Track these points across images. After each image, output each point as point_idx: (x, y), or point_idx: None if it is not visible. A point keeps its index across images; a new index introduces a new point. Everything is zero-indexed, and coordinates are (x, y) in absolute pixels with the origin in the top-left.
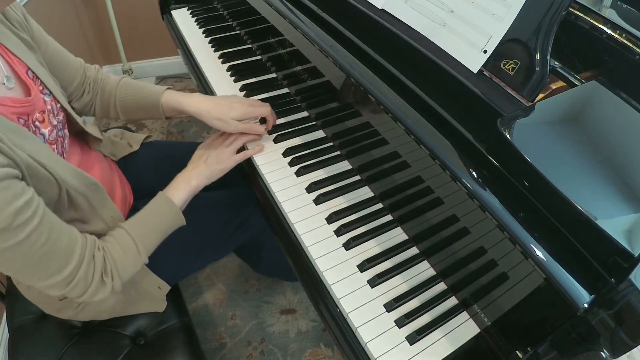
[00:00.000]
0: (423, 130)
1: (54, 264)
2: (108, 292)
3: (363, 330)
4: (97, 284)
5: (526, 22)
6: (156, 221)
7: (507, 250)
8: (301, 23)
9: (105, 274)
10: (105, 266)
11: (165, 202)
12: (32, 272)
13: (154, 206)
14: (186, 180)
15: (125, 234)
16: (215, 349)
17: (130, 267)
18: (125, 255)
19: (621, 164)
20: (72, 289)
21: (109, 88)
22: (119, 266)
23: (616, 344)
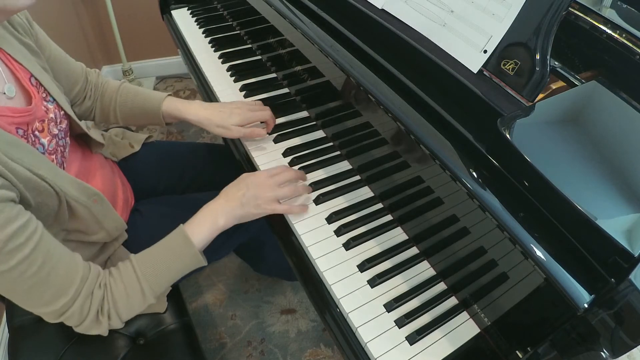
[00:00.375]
0: (423, 130)
1: (46, 294)
2: (104, 330)
3: (363, 330)
4: (91, 321)
5: (526, 22)
6: (169, 261)
7: (507, 250)
8: (301, 23)
9: (102, 313)
10: (103, 305)
11: (182, 241)
12: (23, 299)
13: (170, 243)
14: (214, 215)
15: (132, 273)
16: (215, 349)
17: (134, 308)
18: (128, 296)
19: (621, 164)
20: (66, 319)
21: (109, 93)
22: (120, 307)
23: (616, 344)
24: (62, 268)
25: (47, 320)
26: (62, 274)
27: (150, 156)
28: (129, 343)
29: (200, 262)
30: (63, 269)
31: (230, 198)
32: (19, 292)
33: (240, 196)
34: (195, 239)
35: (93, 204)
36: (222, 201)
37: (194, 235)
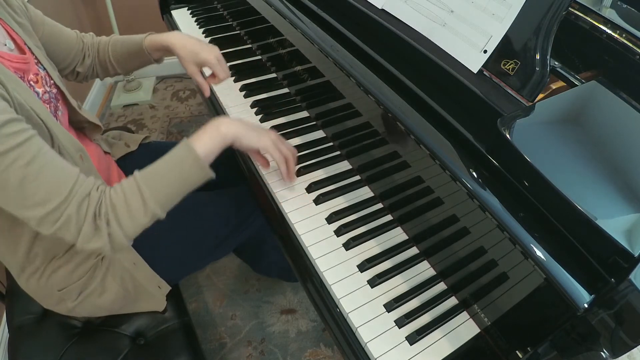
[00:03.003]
0: (423, 130)
1: (40, 191)
2: (104, 241)
3: (363, 330)
4: (89, 226)
5: (526, 22)
6: (169, 168)
7: (507, 250)
8: (301, 23)
9: (99, 216)
10: (100, 208)
11: (184, 148)
12: (16, 196)
13: (172, 152)
14: (216, 124)
15: (132, 179)
16: (215, 349)
17: (133, 217)
18: (127, 201)
19: (621, 164)
20: (62, 226)
21: (102, 48)
22: (118, 211)
23: (616, 344)
24: (55, 167)
25: (45, 231)
26: (57, 173)
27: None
28: (129, 343)
29: (203, 169)
30: (57, 169)
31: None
32: (12, 186)
33: (247, 124)
34: (197, 144)
35: (79, 160)
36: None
37: (195, 142)
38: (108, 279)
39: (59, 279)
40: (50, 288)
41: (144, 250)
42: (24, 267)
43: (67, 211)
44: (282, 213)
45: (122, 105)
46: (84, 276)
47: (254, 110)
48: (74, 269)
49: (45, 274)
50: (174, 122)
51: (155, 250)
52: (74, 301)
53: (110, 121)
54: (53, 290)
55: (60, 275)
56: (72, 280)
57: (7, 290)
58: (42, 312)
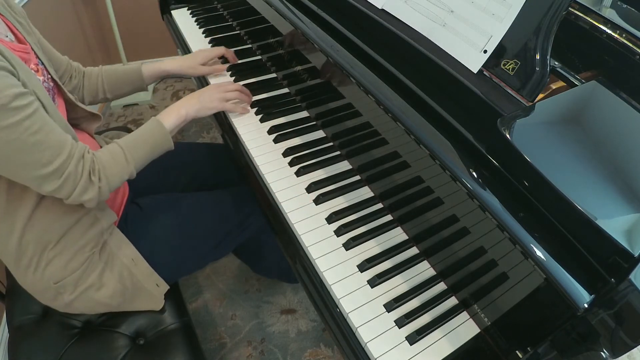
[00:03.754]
0: (423, 130)
1: (46, 153)
2: (95, 193)
3: (363, 330)
4: (85, 181)
5: (526, 22)
6: (145, 138)
7: (507, 250)
8: (301, 23)
9: (93, 173)
10: (94, 167)
11: (155, 123)
12: (28, 158)
13: (145, 127)
14: (177, 108)
15: (116, 145)
16: (215, 349)
17: (117, 173)
18: (114, 161)
19: (621, 164)
20: (64, 182)
21: (94, 73)
22: (107, 171)
23: (616, 344)
24: (56, 134)
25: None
26: (57, 138)
27: None
28: (129, 343)
29: (169, 142)
30: (57, 135)
31: (190, 98)
32: (25, 150)
33: (198, 96)
34: (166, 123)
35: None
36: (184, 99)
37: (164, 121)
38: (106, 274)
39: (54, 271)
40: (46, 281)
41: (143, 247)
42: (19, 259)
43: (68, 169)
44: (282, 213)
45: (122, 106)
46: (79, 268)
47: (254, 110)
48: (68, 261)
49: (40, 266)
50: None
51: (154, 248)
52: (71, 294)
53: (110, 121)
54: (49, 283)
55: (55, 267)
56: (67, 272)
57: (7, 290)
58: (42, 312)
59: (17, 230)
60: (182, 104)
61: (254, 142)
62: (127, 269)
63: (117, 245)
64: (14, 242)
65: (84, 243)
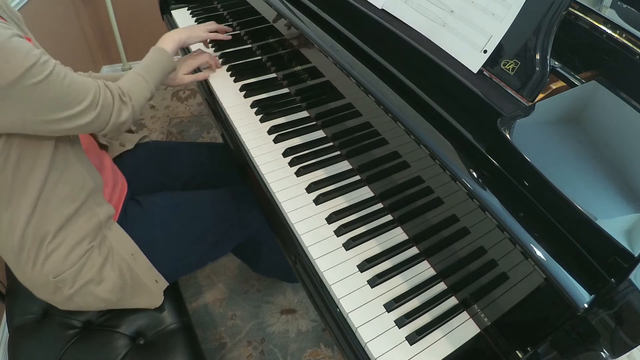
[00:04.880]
0: (423, 130)
1: (80, 91)
2: (130, 112)
3: (363, 330)
4: (118, 103)
5: (526, 22)
6: (155, 63)
7: (507, 250)
8: (301, 23)
9: (123, 95)
10: (122, 91)
11: (159, 51)
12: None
13: (151, 54)
14: (171, 36)
15: (131, 72)
16: (215, 349)
17: (142, 93)
18: (135, 83)
19: (621, 164)
20: (101, 110)
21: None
22: (133, 92)
23: (616, 344)
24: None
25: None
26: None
27: (147, 155)
28: (129, 343)
29: (173, 63)
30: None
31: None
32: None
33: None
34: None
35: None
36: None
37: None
38: (106, 268)
39: (53, 265)
40: (45, 275)
41: (142, 243)
42: (19, 252)
43: (101, 98)
44: (282, 213)
45: None
46: (77, 262)
47: (254, 110)
48: (67, 254)
49: (38, 260)
50: (174, 122)
51: (153, 244)
52: (70, 288)
53: None
54: (48, 277)
55: (54, 260)
56: (67, 266)
57: (7, 290)
58: (42, 312)
59: (21, 223)
60: (174, 32)
61: (254, 142)
62: (127, 264)
63: (116, 240)
64: (18, 232)
65: (82, 236)
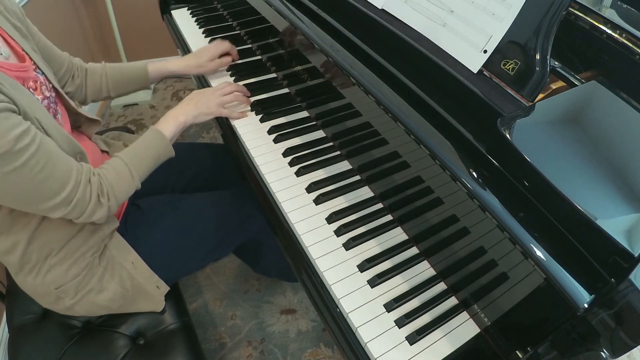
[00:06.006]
0: (423, 130)
1: (54, 186)
2: (105, 212)
3: (363, 330)
4: (94, 204)
5: (526, 22)
6: (148, 151)
7: (507, 250)
8: (301, 23)
9: (102, 195)
10: (102, 188)
11: (155, 134)
12: (36, 194)
13: (146, 138)
14: (175, 116)
15: (120, 160)
16: (215, 349)
17: (124, 190)
18: (120, 178)
19: (621, 164)
20: (73, 208)
21: (98, 71)
22: (115, 189)
23: (616, 344)
24: (62, 164)
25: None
26: (63, 169)
27: None
28: (129, 343)
29: (170, 151)
30: (62, 165)
31: (187, 104)
32: (32, 188)
33: (195, 102)
34: (165, 132)
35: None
36: (179, 107)
37: (164, 130)
38: (106, 278)
39: (55, 277)
40: (47, 286)
41: (143, 249)
42: (22, 266)
43: (76, 196)
44: (282, 213)
45: (122, 106)
46: (79, 275)
47: (254, 110)
48: (68, 267)
49: (41, 272)
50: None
51: (154, 249)
52: (72, 299)
53: (110, 121)
54: (50, 288)
55: (56, 273)
56: (68, 278)
57: (7, 290)
58: (42, 312)
59: (22, 244)
60: (180, 111)
61: (254, 142)
62: (127, 272)
63: (116, 249)
64: (18, 254)
65: (85, 249)
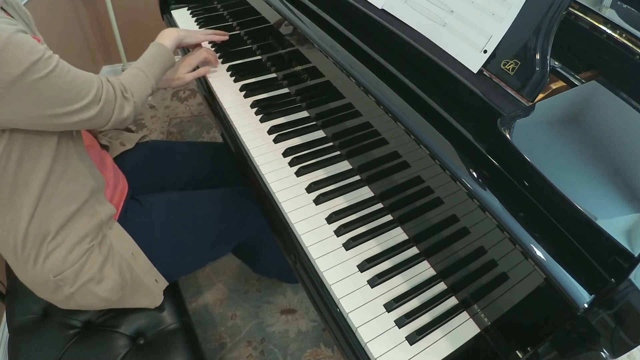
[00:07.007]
0: (423, 130)
1: (83, 86)
2: (132, 108)
3: (363, 330)
4: (120, 99)
5: (526, 22)
6: (155, 58)
7: (507, 250)
8: (301, 23)
9: (125, 91)
10: (124, 86)
11: (157, 46)
12: (70, 93)
13: (151, 50)
14: (169, 33)
15: (131, 68)
16: (215, 349)
17: (143, 87)
18: (137, 78)
19: (621, 164)
20: (103, 105)
21: None
22: (134, 86)
23: (616, 344)
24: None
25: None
26: (84, 75)
27: (147, 154)
28: (129, 343)
29: (172, 57)
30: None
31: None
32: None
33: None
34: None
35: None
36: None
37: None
38: (107, 267)
39: (54, 264)
40: (46, 274)
41: (142, 243)
42: (20, 252)
43: (103, 94)
44: (282, 213)
45: None
46: (78, 261)
47: (254, 110)
48: (67, 253)
49: (39, 259)
50: (174, 122)
51: (153, 244)
52: (70, 287)
53: None
54: (49, 276)
55: (54, 259)
56: (67, 265)
57: (7, 290)
58: (42, 312)
59: (23, 217)
60: (173, 29)
61: (254, 142)
62: (127, 263)
63: (117, 239)
64: (20, 230)
65: (83, 235)
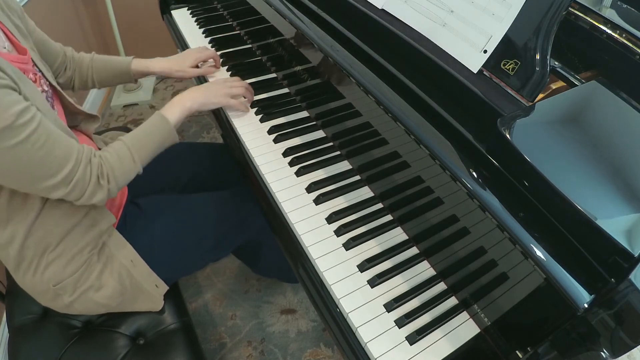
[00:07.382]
0: (423, 130)
1: (54, 163)
2: (104, 195)
3: (363, 330)
4: (94, 185)
5: (526, 22)
6: (151, 135)
7: (507, 250)
8: (301, 23)
9: (102, 177)
10: (102, 170)
11: (160, 119)
12: (36, 172)
13: (150, 122)
14: (181, 101)
15: (122, 144)
16: (215, 349)
17: (125, 174)
18: (121, 162)
19: (621, 164)
20: (73, 188)
21: (85, 64)
22: (116, 172)
23: (616, 344)
24: (63, 142)
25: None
26: (64, 147)
27: None
28: (129, 343)
29: (174, 137)
30: (63, 144)
31: (196, 90)
32: (32, 165)
33: (204, 90)
34: (170, 117)
35: None
36: (190, 91)
37: (168, 115)
38: (105, 275)
39: (53, 274)
40: (45, 283)
41: (142, 247)
42: (20, 262)
43: (76, 176)
44: (282, 213)
45: (122, 106)
46: (77, 271)
47: (254, 110)
48: (66, 263)
49: (39, 269)
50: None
51: (153, 248)
52: (70, 296)
53: (110, 121)
54: (48, 285)
55: (54, 269)
56: (66, 274)
57: (7, 290)
58: (42, 312)
59: (20, 236)
60: (187, 96)
61: (254, 142)
62: (126, 270)
63: (115, 247)
64: (16, 247)
65: (82, 245)
